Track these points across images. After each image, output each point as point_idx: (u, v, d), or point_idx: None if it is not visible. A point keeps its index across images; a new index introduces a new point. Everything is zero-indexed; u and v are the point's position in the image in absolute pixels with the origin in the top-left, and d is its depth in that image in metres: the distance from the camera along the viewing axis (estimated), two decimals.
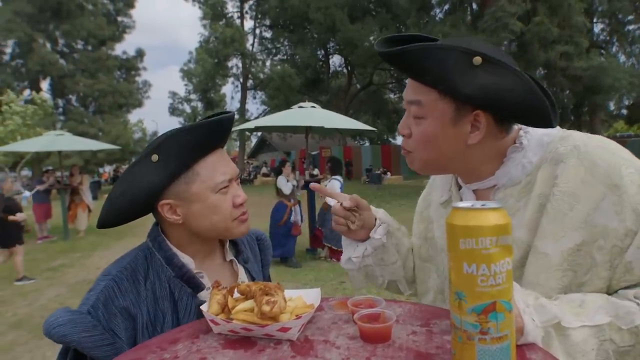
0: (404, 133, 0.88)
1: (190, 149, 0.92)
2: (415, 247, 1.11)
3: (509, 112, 0.79)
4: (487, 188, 0.89)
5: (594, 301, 0.73)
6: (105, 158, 26.17)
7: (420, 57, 0.77)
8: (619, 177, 0.75)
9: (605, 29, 24.09)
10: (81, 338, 0.82)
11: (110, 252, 8.02)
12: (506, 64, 0.74)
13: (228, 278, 1.04)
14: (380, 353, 0.64)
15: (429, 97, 0.81)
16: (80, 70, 26.56)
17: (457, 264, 0.54)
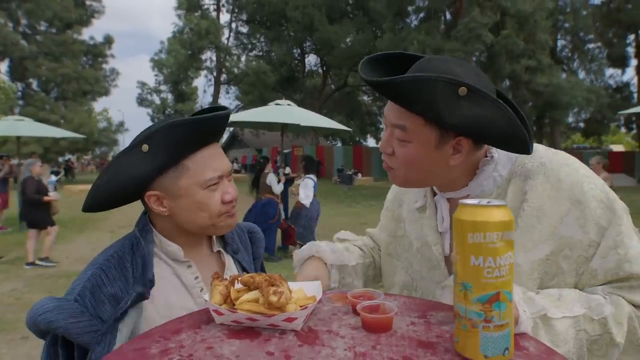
0: (387, 152, 0.90)
1: (182, 143, 0.89)
2: (384, 243, 1.15)
3: (490, 140, 0.83)
4: (460, 197, 0.93)
5: (569, 295, 0.80)
6: (67, 147, 25.10)
7: (410, 88, 0.78)
8: (581, 193, 0.82)
9: (567, 45, 25.32)
10: (68, 324, 0.81)
11: (72, 246, 7.73)
12: (489, 95, 0.77)
13: (216, 268, 1.03)
14: (384, 342, 0.67)
15: (415, 123, 0.83)
16: (43, 53, 25.32)
17: (464, 256, 0.58)
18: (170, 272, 0.98)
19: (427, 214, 1.02)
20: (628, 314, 0.80)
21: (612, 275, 0.81)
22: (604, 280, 0.82)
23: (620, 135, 47.59)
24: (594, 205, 0.81)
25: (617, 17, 23.21)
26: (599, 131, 28.24)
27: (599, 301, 0.79)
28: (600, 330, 0.78)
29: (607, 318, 0.78)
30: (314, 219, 6.65)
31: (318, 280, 0.94)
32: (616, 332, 0.78)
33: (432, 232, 1.00)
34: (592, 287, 0.84)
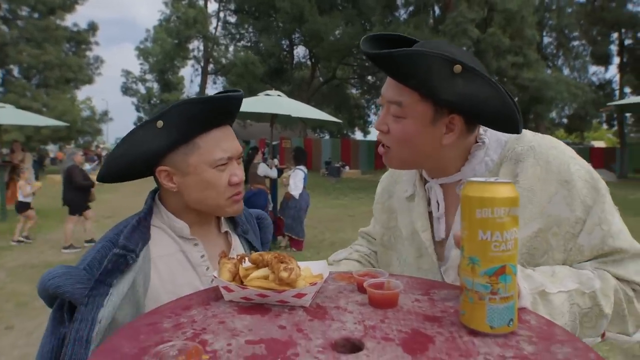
0: (382, 129, 0.93)
1: (194, 121, 0.92)
2: (378, 234, 1.18)
3: (482, 118, 0.87)
4: (453, 182, 0.97)
5: (561, 271, 0.85)
6: (49, 135, 24.55)
7: (406, 61, 0.81)
8: (568, 173, 0.87)
9: (552, 42, 25.68)
10: (75, 289, 0.86)
11: (54, 235, 7.63)
12: (483, 74, 0.81)
13: (222, 248, 1.06)
14: (391, 316, 0.70)
15: (410, 99, 0.86)
16: (25, 39, 24.56)
17: (472, 231, 0.61)
18: (177, 249, 1.00)
19: (415, 201, 1.05)
20: (614, 287, 0.85)
21: (597, 250, 0.86)
22: (590, 255, 0.87)
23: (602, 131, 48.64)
24: (580, 185, 0.86)
25: (601, 15, 23.63)
26: (581, 127, 28.82)
27: (589, 276, 0.84)
28: (590, 303, 0.83)
29: (596, 291, 0.83)
30: (303, 210, 6.67)
31: None
32: (604, 304, 0.83)
33: (420, 219, 1.03)
34: (580, 264, 0.88)
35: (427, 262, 1.02)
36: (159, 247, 0.99)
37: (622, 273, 0.86)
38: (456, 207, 0.95)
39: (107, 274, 0.88)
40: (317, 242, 7.31)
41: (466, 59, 0.83)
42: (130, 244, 0.92)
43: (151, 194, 1.04)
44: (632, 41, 25.70)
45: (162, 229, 1.01)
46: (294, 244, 6.63)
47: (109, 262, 0.89)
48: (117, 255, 0.90)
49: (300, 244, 6.66)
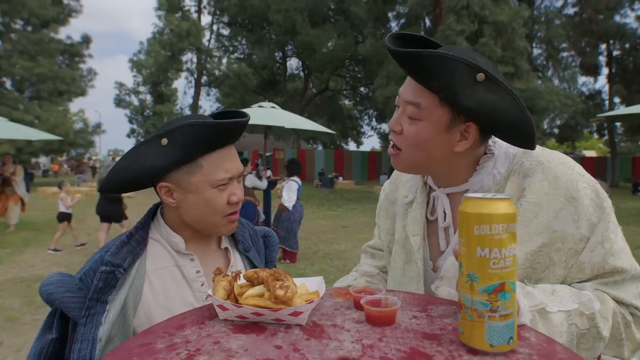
0: (396, 129, 0.92)
1: (199, 143, 0.93)
2: (385, 243, 1.17)
3: (498, 129, 0.87)
4: (460, 192, 0.96)
5: (562, 290, 0.84)
6: (41, 148, 24.35)
7: (432, 63, 0.81)
8: (576, 190, 0.86)
9: (542, 53, 26.09)
10: (64, 297, 0.89)
11: (44, 249, 7.49)
12: (504, 84, 0.81)
13: (221, 265, 1.06)
14: (389, 334, 0.69)
15: (429, 102, 0.86)
16: (18, 51, 24.50)
17: (470, 248, 0.60)
18: (172, 262, 1.01)
19: (413, 207, 1.04)
20: (612, 310, 0.84)
21: (598, 268, 0.86)
22: (590, 273, 0.86)
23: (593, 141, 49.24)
24: (587, 203, 0.86)
25: (589, 27, 24.08)
26: (572, 137, 29.15)
27: (589, 297, 0.83)
28: (588, 324, 0.82)
29: (595, 313, 0.82)
30: (296, 222, 6.64)
31: None
32: (602, 326, 0.82)
33: (413, 223, 1.02)
34: (581, 284, 0.87)
35: (413, 269, 1.00)
36: (154, 260, 1.00)
37: (621, 296, 0.85)
38: None
39: (100, 291, 0.90)
40: (311, 253, 7.27)
41: (490, 68, 0.83)
42: (115, 259, 0.93)
43: (153, 207, 1.06)
44: (620, 52, 26.19)
45: (159, 242, 1.02)
46: (288, 256, 6.58)
47: (98, 281, 0.90)
48: (104, 272, 0.91)
49: (293, 256, 6.62)
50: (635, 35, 24.63)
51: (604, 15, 23.88)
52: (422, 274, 0.99)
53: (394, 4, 22.30)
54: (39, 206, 13.05)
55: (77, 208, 12.94)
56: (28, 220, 10.09)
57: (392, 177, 1.20)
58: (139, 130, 33.80)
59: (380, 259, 1.22)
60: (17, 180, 9.62)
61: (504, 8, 18.38)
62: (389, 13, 22.72)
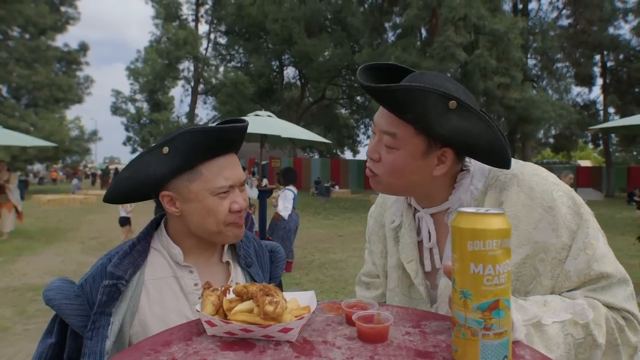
0: (374, 157, 0.93)
1: (198, 150, 0.94)
2: (379, 266, 1.16)
3: (474, 152, 0.88)
4: (442, 211, 0.98)
5: (553, 300, 0.83)
6: (36, 155, 24.23)
7: (404, 96, 0.82)
8: (552, 200, 0.87)
9: (537, 64, 26.34)
10: (61, 303, 0.90)
11: (38, 257, 7.41)
12: (476, 110, 0.83)
13: (220, 279, 1.05)
14: (381, 352, 0.67)
15: (405, 132, 0.87)
16: (15, 59, 24.49)
17: (464, 264, 0.59)
18: (170, 273, 1.00)
19: (402, 232, 1.05)
20: (605, 315, 0.84)
21: (584, 275, 0.85)
22: (577, 280, 0.86)
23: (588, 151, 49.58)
24: (564, 211, 0.87)
25: (583, 38, 24.36)
26: (567, 147, 29.34)
27: (582, 306, 0.82)
28: (583, 333, 0.81)
29: (589, 322, 0.81)
30: (292, 232, 6.61)
31: None
32: (597, 333, 0.81)
33: (406, 250, 1.02)
34: (571, 293, 0.86)
35: (416, 292, 1.01)
36: (153, 270, 1.00)
37: (611, 301, 0.85)
38: (446, 236, 0.96)
39: (105, 305, 0.91)
40: (307, 263, 7.23)
41: (461, 94, 0.85)
42: (117, 271, 0.94)
43: (157, 217, 1.07)
44: (614, 63, 26.48)
45: (160, 252, 1.02)
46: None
47: (102, 295, 0.92)
48: (107, 286, 0.92)
49: (289, 266, 6.57)
50: (629, 46, 24.95)
51: (598, 27, 24.18)
52: (427, 297, 0.99)
53: (390, 15, 22.52)
54: (33, 214, 12.94)
55: (72, 217, 12.85)
56: (22, 229, 9.99)
57: (377, 201, 1.20)
58: (135, 138, 33.72)
59: (376, 288, 1.19)
60: (11, 187, 9.53)
61: (501, 18, 18.58)
62: (386, 23, 22.93)
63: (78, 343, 0.92)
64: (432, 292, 0.99)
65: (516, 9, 25.09)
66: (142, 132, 32.83)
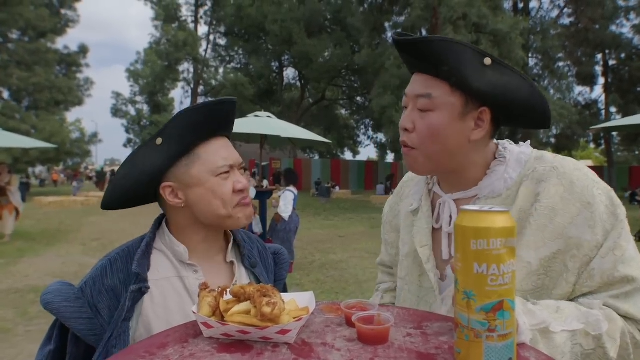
0: (408, 127, 0.90)
1: (191, 130, 0.93)
2: (392, 256, 1.15)
3: (512, 109, 0.87)
4: (469, 197, 0.94)
5: (567, 308, 0.80)
6: (37, 157, 24.23)
7: (440, 48, 0.83)
8: (592, 196, 0.84)
9: (538, 63, 26.29)
10: (61, 306, 0.87)
11: (40, 259, 7.41)
12: (511, 67, 0.84)
13: (224, 279, 1.03)
14: (382, 354, 0.65)
15: (440, 90, 0.86)
16: (15, 62, 24.51)
17: (467, 264, 0.57)
18: (175, 273, 0.97)
19: (419, 216, 1.02)
20: (621, 329, 0.80)
21: (608, 276, 0.82)
22: (600, 281, 0.83)
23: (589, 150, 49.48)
24: (602, 210, 0.84)
25: (585, 37, 24.30)
26: (569, 146, 29.23)
27: (597, 317, 0.79)
28: (594, 345, 0.78)
29: (602, 334, 0.78)
30: (292, 233, 6.58)
31: None
32: (610, 347, 0.78)
33: (420, 234, 1.00)
34: (590, 301, 0.83)
35: (427, 281, 0.98)
36: (157, 270, 0.97)
37: (632, 311, 0.82)
38: None
39: (129, 311, 0.90)
40: (307, 263, 7.21)
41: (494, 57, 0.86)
42: (142, 271, 0.92)
43: (159, 217, 1.04)
44: (616, 62, 26.41)
45: (163, 252, 0.99)
46: None
47: (129, 301, 0.89)
48: (134, 292, 0.90)
49: (289, 266, 6.56)
50: (631, 45, 24.88)
51: (600, 25, 24.12)
52: (436, 285, 0.96)
53: (390, 14, 22.49)
54: (34, 216, 12.94)
55: (73, 219, 12.85)
56: (23, 230, 9.99)
57: (396, 190, 1.18)
58: (135, 140, 33.75)
59: (393, 275, 1.18)
60: (12, 189, 9.53)
61: (502, 17, 18.54)
62: (386, 23, 22.89)
63: (80, 349, 0.89)
64: (441, 282, 0.96)
65: (517, 8, 25.06)
66: (142, 134, 32.85)
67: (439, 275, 0.97)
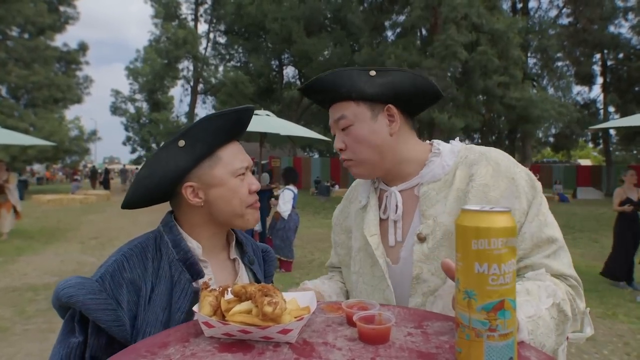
0: (341, 147, 1.07)
1: (217, 133, 1.00)
2: (341, 256, 1.24)
3: (408, 97, 1.05)
4: (412, 186, 1.08)
5: (532, 288, 0.88)
6: (35, 155, 24.18)
7: (333, 77, 1.04)
8: (514, 172, 1.01)
9: (537, 63, 26.29)
10: (86, 299, 0.87)
11: (39, 258, 7.40)
12: (393, 69, 1.04)
13: (228, 276, 1.07)
14: (383, 354, 0.65)
15: (349, 108, 1.04)
16: (14, 59, 24.40)
17: (468, 263, 0.57)
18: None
19: (367, 209, 1.13)
20: (565, 290, 0.92)
21: (536, 238, 0.96)
22: (530, 243, 0.95)
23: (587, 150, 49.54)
24: (523, 183, 0.99)
25: (584, 37, 24.29)
26: (567, 146, 29.27)
27: (552, 287, 0.89)
28: (557, 311, 0.87)
29: (561, 301, 0.88)
30: (292, 231, 6.59)
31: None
32: (567, 308, 0.89)
33: (369, 225, 1.09)
34: (536, 273, 0.93)
35: (378, 269, 1.06)
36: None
37: (560, 268, 0.95)
38: (414, 210, 1.06)
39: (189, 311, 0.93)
40: (307, 262, 7.21)
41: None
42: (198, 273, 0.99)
43: (168, 216, 1.07)
44: (614, 62, 26.40)
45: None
46: (283, 265, 6.52)
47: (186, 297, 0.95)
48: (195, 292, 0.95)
49: (289, 265, 6.56)
50: (629, 45, 24.87)
51: (598, 25, 24.11)
52: (385, 269, 1.05)
53: (390, 14, 22.47)
54: (32, 214, 12.93)
55: (72, 217, 12.84)
56: (21, 229, 9.98)
57: (345, 194, 1.30)
58: (134, 138, 33.69)
59: (336, 279, 1.28)
60: (10, 187, 9.51)
61: (499, 17, 18.54)
62: (386, 22, 22.88)
63: (101, 341, 0.90)
64: (392, 267, 1.06)
65: (515, 8, 25.04)
66: (141, 131, 32.79)
67: (390, 261, 1.07)
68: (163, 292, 0.94)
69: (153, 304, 0.93)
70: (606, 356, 3.76)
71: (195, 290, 0.95)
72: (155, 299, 0.93)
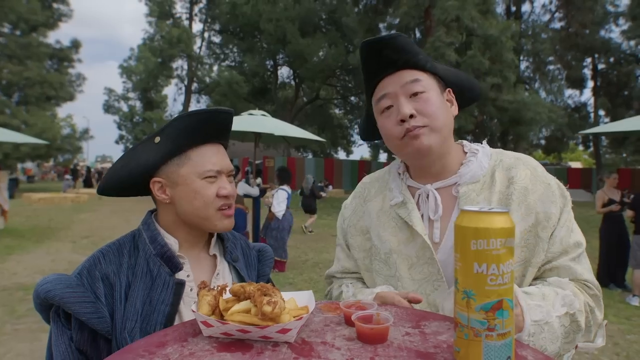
0: (412, 112, 0.97)
1: (186, 133, 0.99)
2: (359, 259, 1.13)
3: (460, 88, 1.09)
4: (449, 186, 1.05)
5: (549, 294, 0.90)
6: (28, 153, 23.90)
7: (406, 42, 1.01)
8: (549, 178, 1.04)
9: (529, 66, 26.52)
10: (64, 293, 0.89)
11: (29, 257, 7.32)
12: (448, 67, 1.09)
13: (207, 272, 1.07)
14: (382, 353, 0.66)
15: (423, 75, 1.02)
16: (6, 55, 24.13)
17: (467, 264, 0.58)
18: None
19: (409, 207, 1.05)
20: (584, 301, 0.93)
21: (565, 242, 0.98)
22: (560, 247, 0.97)
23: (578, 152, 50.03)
24: (556, 190, 1.02)
25: (575, 41, 24.55)
26: (558, 148, 29.54)
27: (570, 296, 0.90)
28: (569, 321, 0.88)
29: (576, 312, 0.89)
30: (286, 231, 6.58)
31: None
32: (581, 319, 0.90)
33: (420, 223, 1.02)
34: (559, 280, 0.94)
35: (423, 272, 0.99)
36: None
37: (583, 273, 0.96)
38: (451, 210, 1.02)
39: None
40: (300, 262, 7.21)
41: None
42: (178, 262, 1.01)
43: (148, 214, 1.08)
44: (605, 66, 26.71)
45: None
46: (277, 266, 6.51)
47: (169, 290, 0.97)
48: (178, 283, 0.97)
49: (283, 265, 6.55)
50: (619, 49, 25.17)
51: (589, 30, 24.37)
52: (438, 271, 0.98)
53: (384, 15, 22.54)
54: (23, 212, 12.78)
55: (63, 215, 12.71)
56: (12, 227, 9.86)
57: (356, 193, 1.21)
58: (127, 137, 33.39)
59: (354, 285, 1.15)
60: (0, 186, 9.41)
61: (492, 22, 18.67)
62: (380, 24, 22.94)
63: (84, 335, 0.90)
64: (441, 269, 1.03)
65: (509, 12, 25.25)
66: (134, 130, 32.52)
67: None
68: (141, 287, 0.95)
69: (131, 299, 0.93)
70: (596, 356, 3.80)
71: (177, 282, 0.97)
72: (132, 294, 0.94)
